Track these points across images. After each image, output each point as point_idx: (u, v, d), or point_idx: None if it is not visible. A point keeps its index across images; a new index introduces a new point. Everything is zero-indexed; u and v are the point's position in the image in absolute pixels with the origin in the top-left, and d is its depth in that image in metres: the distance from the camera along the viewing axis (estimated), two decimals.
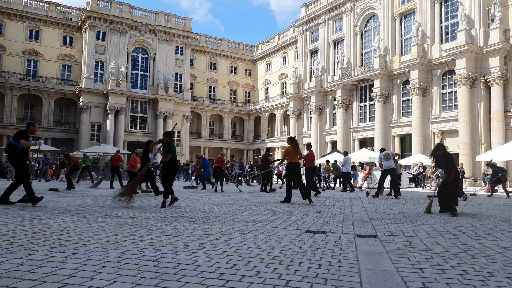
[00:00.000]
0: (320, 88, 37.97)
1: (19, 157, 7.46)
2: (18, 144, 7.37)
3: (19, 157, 7.46)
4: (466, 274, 3.01)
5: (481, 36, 25.33)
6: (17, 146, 7.39)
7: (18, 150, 7.40)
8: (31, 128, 7.64)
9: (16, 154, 7.42)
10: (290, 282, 2.66)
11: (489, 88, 25.17)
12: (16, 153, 7.43)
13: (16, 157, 7.42)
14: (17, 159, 7.45)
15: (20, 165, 7.51)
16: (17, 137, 7.40)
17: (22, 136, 7.39)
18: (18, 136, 7.40)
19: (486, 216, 7.45)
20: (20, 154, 7.47)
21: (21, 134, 7.42)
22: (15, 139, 7.39)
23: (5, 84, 38.11)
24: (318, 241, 4.34)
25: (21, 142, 7.34)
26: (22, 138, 7.37)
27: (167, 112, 42.61)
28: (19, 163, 7.49)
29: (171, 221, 5.69)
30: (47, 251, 3.41)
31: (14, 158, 7.42)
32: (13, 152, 7.42)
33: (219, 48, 52.35)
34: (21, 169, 7.51)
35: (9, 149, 7.50)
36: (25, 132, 7.48)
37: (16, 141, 7.38)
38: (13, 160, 7.48)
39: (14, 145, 7.39)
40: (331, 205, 9.45)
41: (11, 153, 7.45)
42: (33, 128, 7.68)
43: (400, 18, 31.59)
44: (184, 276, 2.73)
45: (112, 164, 16.90)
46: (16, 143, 7.38)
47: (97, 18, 40.47)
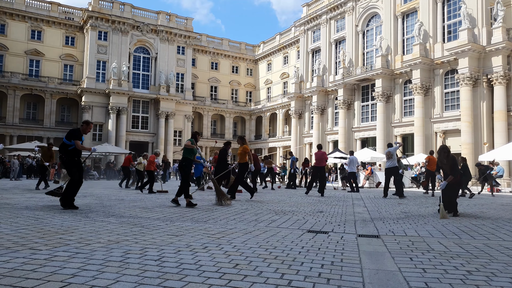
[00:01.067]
0: (322, 88, 37.94)
1: (71, 156, 6.96)
2: (71, 142, 6.89)
3: (71, 157, 6.96)
4: (469, 274, 3.00)
5: (484, 35, 25.25)
6: (69, 145, 6.90)
7: (70, 149, 6.92)
8: (84, 127, 7.17)
9: (68, 154, 6.93)
10: (292, 282, 2.66)
11: (492, 87, 25.09)
12: (68, 153, 6.93)
13: (68, 157, 6.93)
14: (69, 159, 6.95)
15: (71, 166, 6.99)
16: (71, 135, 6.92)
17: (75, 135, 6.92)
18: (72, 135, 6.93)
19: (488, 216, 7.43)
20: (72, 154, 6.98)
21: (75, 132, 6.96)
22: (68, 138, 6.92)
23: (8, 84, 38.22)
24: (320, 241, 4.34)
25: (76, 143, 6.87)
26: (75, 137, 6.91)
27: (168, 112, 42.65)
28: (71, 163, 6.97)
29: (173, 221, 5.70)
30: (50, 250, 3.42)
31: (66, 158, 6.94)
32: (65, 151, 6.93)
33: (220, 47, 52.37)
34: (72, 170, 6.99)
35: (61, 148, 7.01)
36: (79, 131, 7.04)
37: (69, 140, 6.90)
38: (64, 161, 7.00)
39: (66, 144, 6.92)
40: (333, 204, 9.44)
41: (63, 152, 6.96)
42: (87, 127, 7.19)
43: (402, 17, 31.52)
44: (186, 276, 2.73)
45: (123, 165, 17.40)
46: (69, 141, 6.90)
47: (99, 18, 40.54)
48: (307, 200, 10.71)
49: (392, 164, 12.55)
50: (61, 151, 6.99)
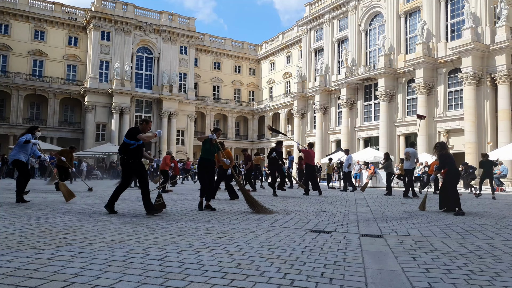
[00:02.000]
0: (325, 87, 37.88)
1: (133, 157, 6.44)
2: (132, 141, 6.38)
3: (133, 158, 6.44)
4: (473, 274, 2.99)
5: (487, 34, 25.13)
6: (131, 144, 6.39)
7: (132, 149, 6.40)
8: (144, 125, 6.66)
9: (129, 154, 6.41)
10: (295, 282, 2.65)
11: (495, 86, 24.97)
12: (129, 153, 6.41)
13: (128, 158, 6.41)
14: (130, 161, 6.43)
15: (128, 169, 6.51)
16: (131, 134, 6.41)
17: (136, 133, 6.42)
18: (133, 133, 6.42)
19: (492, 215, 7.39)
20: (134, 154, 6.45)
21: (135, 130, 6.50)
22: (129, 136, 6.40)
23: (11, 84, 38.38)
24: (323, 240, 4.34)
25: (140, 136, 6.38)
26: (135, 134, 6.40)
27: (171, 111, 42.72)
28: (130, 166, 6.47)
29: (176, 220, 5.71)
30: (54, 250, 3.43)
31: (126, 159, 6.43)
32: (126, 151, 6.42)
33: (223, 47, 52.37)
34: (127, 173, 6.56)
35: (122, 149, 6.53)
36: (138, 129, 6.55)
37: (130, 139, 6.38)
38: (124, 162, 6.48)
39: (127, 143, 6.39)
40: (335, 204, 9.43)
41: (123, 153, 6.45)
42: (147, 125, 6.69)
43: (405, 16, 31.41)
44: (189, 276, 2.74)
45: None
46: (130, 140, 6.39)
47: (102, 18, 40.63)
48: (309, 200, 10.70)
49: (410, 165, 12.54)
50: (122, 151, 6.52)
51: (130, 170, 6.51)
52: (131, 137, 6.37)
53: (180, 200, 9.78)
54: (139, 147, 6.45)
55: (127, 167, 6.49)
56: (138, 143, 6.39)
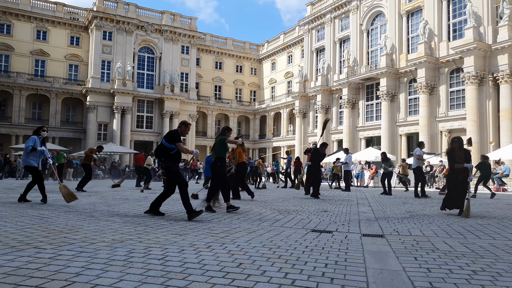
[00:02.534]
0: (326, 87, 37.85)
1: (173, 161, 6.22)
2: (172, 145, 6.14)
3: (173, 162, 6.22)
4: (474, 274, 2.98)
5: (490, 34, 25.07)
6: (172, 149, 6.16)
7: (172, 154, 6.18)
8: (183, 128, 6.43)
9: (169, 158, 6.18)
10: (296, 281, 2.65)
11: (497, 86, 24.90)
12: (170, 157, 6.18)
13: (169, 161, 6.18)
14: (171, 165, 6.19)
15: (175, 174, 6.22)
16: (171, 138, 6.15)
17: (177, 137, 6.19)
18: (172, 137, 6.16)
19: (494, 215, 7.37)
20: (174, 158, 6.23)
21: (175, 134, 6.22)
22: (169, 140, 6.15)
23: (14, 84, 38.47)
24: (324, 240, 4.33)
25: (179, 146, 6.16)
26: (177, 139, 6.18)
27: (173, 111, 42.75)
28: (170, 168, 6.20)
29: (177, 220, 5.72)
30: (55, 249, 3.44)
31: (167, 163, 6.18)
32: (166, 155, 6.18)
33: (224, 47, 52.38)
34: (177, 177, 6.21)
35: (161, 152, 6.26)
36: (178, 133, 6.30)
37: (170, 142, 6.14)
38: (166, 166, 6.20)
39: (167, 147, 6.16)
40: (337, 204, 9.42)
41: (164, 156, 6.20)
42: (186, 128, 6.45)
43: (406, 16, 31.36)
44: (190, 275, 2.74)
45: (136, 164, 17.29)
46: (169, 144, 6.15)
47: (104, 18, 40.69)
48: (311, 200, 10.70)
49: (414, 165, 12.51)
50: (160, 155, 6.26)
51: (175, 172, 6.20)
52: (171, 141, 6.13)
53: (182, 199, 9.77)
54: (179, 151, 6.28)
55: (170, 171, 6.19)
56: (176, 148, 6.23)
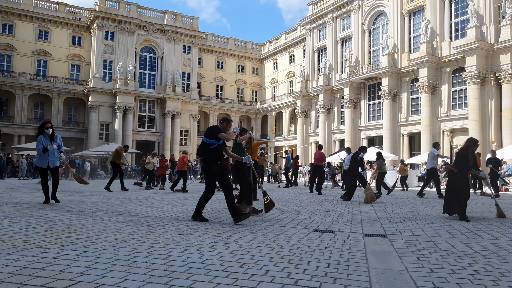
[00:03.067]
0: (328, 87, 37.81)
1: (213, 158, 5.77)
2: (212, 140, 5.78)
3: (213, 159, 5.77)
4: (477, 274, 2.99)
5: (492, 33, 25.01)
6: (211, 144, 5.80)
7: (212, 149, 5.78)
8: (224, 124, 5.97)
9: (209, 155, 5.75)
10: (299, 281, 2.66)
11: (500, 85, 24.84)
12: (209, 154, 5.76)
13: (210, 159, 5.75)
14: (211, 162, 5.74)
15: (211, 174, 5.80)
16: (211, 133, 5.81)
17: (217, 131, 5.82)
18: (212, 131, 5.82)
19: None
20: (215, 155, 5.78)
21: (215, 129, 5.89)
22: (209, 135, 5.80)
23: (16, 84, 38.58)
24: (326, 240, 4.34)
25: (221, 135, 5.77)
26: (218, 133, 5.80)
27: (175, 111, 42.78)
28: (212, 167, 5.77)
29: (180, 220, 5.73)
30: (59, 249, 3.46)
31: (207, 160, 5.75)
32: (206, 152, 5.79)
33: (226, 47, 52.38)
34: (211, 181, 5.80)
35: (201, 150, 5.92)
36: (218, 128, 5.92)
37: (210, 138, 5.79)
38: (206, 164, 5.77)
39: (207, 143, 5.79)
40: (339, 204, 9.42)
41: (204, 155, 5.81)
42: (228, 125, 6.02)
43: (408, 15, 31.30)
44: (193, 275, 2.75)
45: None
46: (209, 140, 5.79)
47: (106, 18, 40.75)
48: (313, 199, 10.70)
49: (428, 165, 12.39)
50: (201, 153, 5.89)
51: (213, 173, 5.78)
52: (211, 136, 5.79)
53: (183, 199, 9.81)
54: (220, 147, 5.84)
55: (209, 170, 5.77)
56: (218, 142, 5.80)
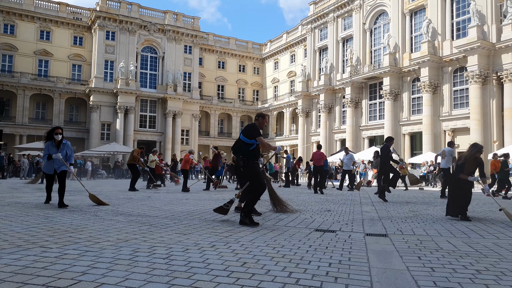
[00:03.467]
0: (329, 86, 37.79)
1: (253, 158, 5.49)
2: (252, 141, 5.46)
3: (253, 159, 5.49)
4: (478, 274, 2.98)
5: (494, 32, 24.95)
6: (251, 144, 5.48)
7: (252, 149, 5.48)
8: (260, 120, 5.80)
9: (249, 155, 5.45)
10: (300, 281, 2.66)
11: (501, 85, 24.79)
12: (249, 154, 5.45)
13: (249, 158, 5.45)
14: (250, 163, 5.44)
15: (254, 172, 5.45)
16: (250, 132, 5.49)
17: (257, 131, 5.52)
18: (252, 131, 5.49)
19: (498, 215, 7.35)
20: (253, 155, 5.49)
21: (255, 128, 5.55)
22: (249, 135, 5.47)
23: (17, 84, 38.65)
24: (328, 239, 4.34)
25: (260, 140, 5.45)
26: (257, 133, 5.49)
27: (176, 111, 42.82)
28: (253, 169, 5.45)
29: (181, 220, 5.74)
30: (61, 248, 3.47)
31: (246, 161, 5.44)
32: (245, 152, 5.47)
33: (227, 46, 52.40)
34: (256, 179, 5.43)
35: (240, 149, 5.55)
36: (256, 126, 5.64)
37: (249, 138, 5.47)
38: (245, 164, 5.46)
39: (247, 143, 5.48)
40: (340, 203, 9.42)
41: (242, 153, 5.49)
42: (263, 120, 5.83)
43: (410, 14, 31.26)
44: (195, 274, 2.75)
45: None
46: (248, 139, 5.48)
47: (107, 18, 40.80)
48: (314, 199, 10.70)
49: (445, 164, 12.16)
50: (240, 152, 5.53)
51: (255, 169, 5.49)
52: (251, 137, 5.47)
53: (185, 199, 9.82)
54: (258, 147, 5.59)
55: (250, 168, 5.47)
56: (257, 143, 5.53)
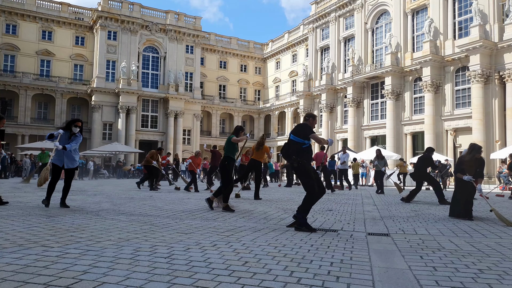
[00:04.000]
0: (331, 86, 37.76)
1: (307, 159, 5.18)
2: (304, 140, 5.20)
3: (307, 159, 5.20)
4: (481, 273, 2.97)
5: (496, 32, 24.88)
6: (304, 143, 5.20)
7: (304, 148, 5.20)
8: (311, 121, 5.47)
9: (303, 156, 5.14)
10: (301, 280, 2.65)
11: (504, 84, 24.71)
12: (302, 153, 5.15)
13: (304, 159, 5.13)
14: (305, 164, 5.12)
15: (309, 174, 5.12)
16: (303, 131, 5.23)
17: (309, 129, 5.26)
18: (305, 130, 5.24)
19: (502, 214, 7.31)
20: (307, 155, 5.20)
21: (307, 126, 5.30)
22: (300, 134, 5.22)
23: (19, 84, 38.75)
24: (329, 239, 4.33)
25: (314, 136, 5.22)
26: (310, 131, 5.22)
27: (177, 111, 42.85)
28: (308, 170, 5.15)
29: (183, 219, 5.73)
30: (62, 247, 3.46)
31: (301, 161, 5.10)
32: (298, 152, 5.17)
33: (229, 46, 52.40)
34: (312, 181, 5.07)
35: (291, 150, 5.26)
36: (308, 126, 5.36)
37: (302, 137, 5.20)
38: (300, 164, 5.10)
39: (301, 143, 5.19)
40: (342, 203, 9.41)
41: (296, 154, 5.17)
42: (314, 121, 5.51)
43: (412, 14, 31.19)
44: (196, 273, 2.75)
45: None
46: (301, 139, 5.20)
47: (108, 18, 40.86)
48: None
49: None
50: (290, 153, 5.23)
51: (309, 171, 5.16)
52: (304, 136, 5.20)
53: (186, 198, 9.82)
54: (311, 146, 5.37)
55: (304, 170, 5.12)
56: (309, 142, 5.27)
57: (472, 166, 6.83)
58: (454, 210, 6.72)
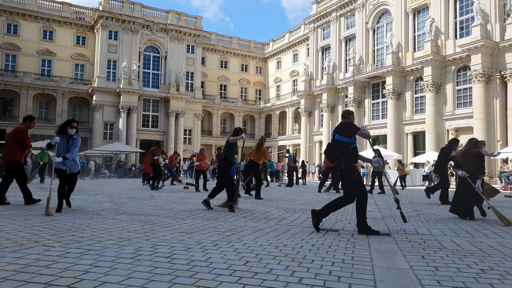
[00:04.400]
0: (332, 85, 37.72)
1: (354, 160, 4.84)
2: (350, 140, 4.87)
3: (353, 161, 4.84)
4: (483, 273, 2.96)
5: (497, 31, 24.83)
6: (351, 144, 4.87)
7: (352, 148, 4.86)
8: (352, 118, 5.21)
9: (350, 157, 4.80)
10: (303, 280, 2.65)
11: (505, 84, 24.66)
12: (349, 154, 4.81)
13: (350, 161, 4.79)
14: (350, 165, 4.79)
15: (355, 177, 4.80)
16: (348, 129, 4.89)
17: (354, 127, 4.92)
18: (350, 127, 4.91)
19: (502, 214, 7.29)
20: (354, 156, 4.86)
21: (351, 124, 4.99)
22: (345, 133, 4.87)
23: (21, 84, 38.79)
24: (330, 238, 4.33)
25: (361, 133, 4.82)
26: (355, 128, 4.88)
27: (178, 110, 42.86)
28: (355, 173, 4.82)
29: (184, 219, 5.73)
30: (63, 247, 3.47)
31: (347, 163, 4.77)
32: (345, 153, 4.82)
33: (230, 46, 52.39)
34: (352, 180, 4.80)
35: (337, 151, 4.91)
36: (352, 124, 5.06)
37: (347, 135, 4.86)
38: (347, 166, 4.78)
39: (346, 142, 4.85)
40: None
41: (342, 155, 4.82)
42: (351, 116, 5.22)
43: (413, 13, 31.14)
44: (197, 273, 2.74)
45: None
46: (347, 138, 4.86)
47: (109, 18, 40.87)
48: (317, 198, 10.68)
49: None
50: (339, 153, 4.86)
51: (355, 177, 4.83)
52: (349, 135, 4.84)
53: (187, 198, 9.82)
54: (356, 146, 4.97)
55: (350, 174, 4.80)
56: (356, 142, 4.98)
57: (469, 160, 6.68)
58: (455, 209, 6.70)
